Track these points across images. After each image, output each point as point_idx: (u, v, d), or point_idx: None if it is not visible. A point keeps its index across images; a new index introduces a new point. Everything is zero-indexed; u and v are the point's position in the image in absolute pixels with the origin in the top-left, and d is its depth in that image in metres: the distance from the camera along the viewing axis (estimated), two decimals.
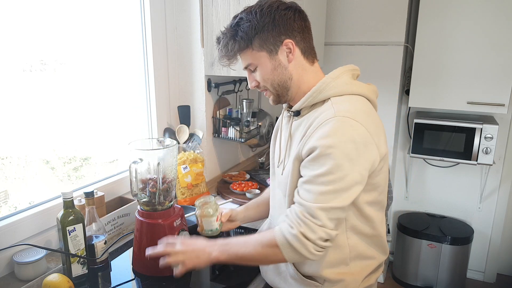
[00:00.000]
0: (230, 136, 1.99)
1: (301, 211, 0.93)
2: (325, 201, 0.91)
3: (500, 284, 2.75)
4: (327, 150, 0.90)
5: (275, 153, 1.18)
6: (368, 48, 2.51)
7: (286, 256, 0.95)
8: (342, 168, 0.90)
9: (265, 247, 0.97)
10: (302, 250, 0.92)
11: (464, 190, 2.71)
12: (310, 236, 0.91)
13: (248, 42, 0.99)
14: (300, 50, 1.02)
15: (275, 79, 1.02)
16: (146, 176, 1.19)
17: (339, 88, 1.00)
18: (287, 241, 0.93)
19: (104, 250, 1.24)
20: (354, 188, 0.93)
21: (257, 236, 1.01)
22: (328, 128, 0.92)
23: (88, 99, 1.64)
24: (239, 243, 1.01)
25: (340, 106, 0.96)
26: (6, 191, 1.39)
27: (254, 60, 1.02)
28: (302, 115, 1.04)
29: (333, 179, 0.91)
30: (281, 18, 0.98)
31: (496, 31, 2.17)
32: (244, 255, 1.00)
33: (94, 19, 1.59)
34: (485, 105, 2.27)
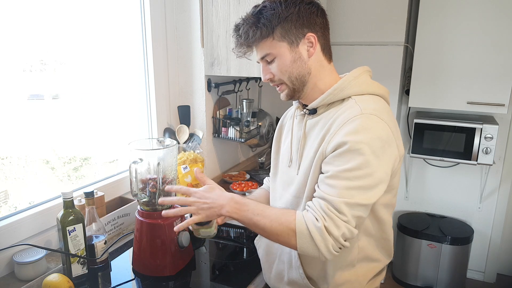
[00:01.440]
0: (230, 136, 1.99)
1: (326, 204, 0.89)
2: (351, 196, 0.88)
3: (500, 284, 2.75)
4: (356, 145, 0.89)
5: (282, 153, 1.16)
6: (368, 48, 2.51)
7: (298, 245, 0.91)
8: (370, 164, 0.89)
9: (282, 226, 0.92)
10: (321, 246, 0.88)
11: (464, 190, 2.71)
12: (334, 231, 0.88)
13: (270, 30, 0.96)
14: (321, 46, 1.01)
15: (294, 72, 1.00)
16: (146, 176, 1.19)
17: (361, 87, 1.00)
18: (308, 232, 0.89)
19: (104, 250, 1.24)
20: (380, 186, 0.91)
21: (277, 211, 0.97)
22: (356, 124, 0.90)
23: (88, 99, 1.64)
24: (256, 209, 0.97)
25: (365, 104, 0.95)
26: (6, 191, 1.39)
27: (273, 50, 0.98)
28: (319, 114, 1.02)
29: (360, 175, 0.89)
30: (306, 11, 0.97)
31: (496, 31, 2.17)
32: (257, 223, 0.96)
33: (94, 19, 1.59)
34: (485, 105, 2.27)
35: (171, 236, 1.20)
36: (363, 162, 0.89)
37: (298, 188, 1.05)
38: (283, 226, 0.92)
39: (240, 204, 0.97)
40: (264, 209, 0.97)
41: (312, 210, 0.92)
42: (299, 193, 1.04)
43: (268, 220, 0.94)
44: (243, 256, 1.38)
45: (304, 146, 1.05)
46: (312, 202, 0.94)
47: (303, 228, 0.90)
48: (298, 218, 0.91)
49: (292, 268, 1.08)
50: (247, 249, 1.42)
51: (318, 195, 0.92)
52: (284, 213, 0.95)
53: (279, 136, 1.20)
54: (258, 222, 0.95)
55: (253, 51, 1.02)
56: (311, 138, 1.02)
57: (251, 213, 0.96)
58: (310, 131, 1.03)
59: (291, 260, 1.08)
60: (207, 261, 1.34)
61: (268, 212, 0.96)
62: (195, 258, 1.32)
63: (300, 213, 0.93)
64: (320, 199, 0.91)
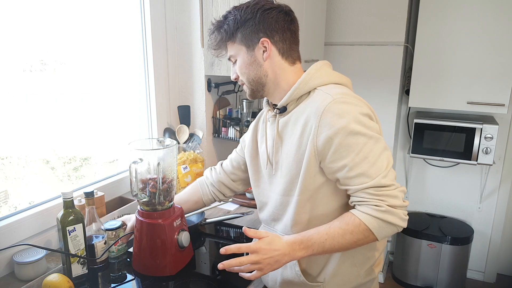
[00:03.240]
0: (230, 136, 1.99)
1: (372, 190, 0.93)
2: (379, 168, 0.93)
3: (500, 284, 2.75)
4: (347, 130, 0.92)
5: (260, 158, 1.17)
6: (368, 48, 2.51)
7: (379, 236, 0.94)
8: (368, 135, 0.93)
9: (354, 233, 0.94)
10: (397, 221, 0.92)
11: (464, 190, 2.71)
12: (396, 202, 0.92)
13: (231, 35, 1.04)
14: (278, 50, 1.04)
15: (251, 74, 1.05)
16: (146, 176, 1.19)
17: (324, 78, 1.03)
18: (381, 221, 0.92)
19: (104, 250, 1.24)
20: (386, 145, 0.97)
21: (338, 225, 0.96)
22: (335, 110, 0.94)
23: (88, 99, 1.64)
24: (322, 237, 0.95)
25: (333, 90, 0.99)
26: (6, 191, 1.39)
27: (234, 53, 1.06)
28: (289, 111, 1.05)
29: (370, 147, 0.93)
30: (263, 16, 1.01)
31: (496, 31, 2.17)
32: (331, 248, 0.96)
33: (94, 19, 1.59)
34: (485, 105, 2.27)
35: (171, 236, 1.20)
36: (364, 138, 0.93)
37: (284, 188, 1.07)
38: (355, 233, 0.94)
39: (304, 243, 0.96)
40: (327, 231, 0.96)
41: (365, 202, 0.94)
42: (287, 191, 1.06)
43: (339, 238, 0.94)
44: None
45: (281, 145, 1.07)
46: (357, 197, 0.95)
47: (374, 222, 0.92)
48: (362, 217, 0.93)
49: (286, 268, 1.09)
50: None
51: (357, 189, 0.94)
52: (346, 222, 0.95)
53: (255, 140, 1.21)
54: (331, 246, 0.95)
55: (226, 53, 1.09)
56: (287, 135, 1.05)
57: (319, 244, 0.95)
58: (284, 130, 1.06)
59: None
60: (207, 261, 1.34)
61: (332, 231, 0.95)
62: (195, 258, 1.32)
63: (358, 212, 0.95)
64: (362, 191, 0.94)
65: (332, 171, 0.97)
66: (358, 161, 0.93)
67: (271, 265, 0.94)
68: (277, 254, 0.94)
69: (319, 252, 0.96)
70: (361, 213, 0.94)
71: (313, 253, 0.96)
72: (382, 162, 0.94)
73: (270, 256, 0.93)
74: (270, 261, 0.94)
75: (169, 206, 1.23)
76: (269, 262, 0.94)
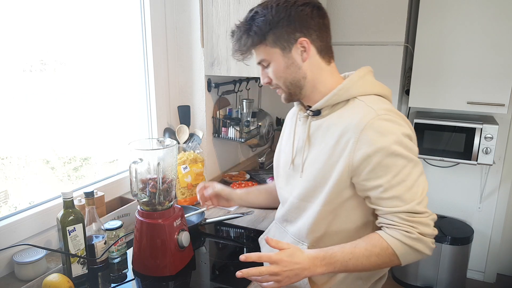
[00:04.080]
0: (230, 136, 1.99)
1: (405, 215, 0.90)
2: (415, 194, 0.90)
3: (500, 284, 2.75)
4: (389, 150, 0.89)
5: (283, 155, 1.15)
6: (368, 48, 2.51)
7: (403, 262, 0.93)
8: (409, 158, 0.91)
9: (380, 256, 0.92)
10: (425, 249, 0.91)
11: (464, 190, 2.71)
12: (427, 231, 0.91)
13: (262, 37, 0.95)
14: (316, 49, 0.98)
15: (288, 78, 0.99)
16: (146, 176, 1.19)
17: (367, 87, 0.99)
18: (408, 247, 0.90)
19: (104, 250, 1.24)
20: (422, 171, 0.94)
21: (363, 245, 0.93)
22: (377, 129, 0.90)
23: (88, 99, 1.64)
24: (346, 256, 0.92)
25: (377, 105, 0.94)
26: (6, 191, 1.39)
27: (267, 56, 0.98)
28: (323, 115, 1.00)
29: (408, 171, 0.91)
30: (297, 14, 0.94)
31: (496, 31, 2.17)
32: (354, 267, 0.93)
33: (94, 19, 1.59)
34: (485, 105, 2.27)
35: (171, 236, 1.20)
36: (404, 161, 0.90)
37: (303, 193, 1.03)
38: (380, 256, 0.92)
39: (326, 259, 0.92)
40: (352, 250, 0.93)
41: (395, 226, 0.92)
42: (307, 197, 1.02)
43: (363, 259, 0.92)
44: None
45: (309, 148, 1.03)
46: (387, 219, 0.93)
47: (401, 247, 0.91)
48: (390, 241, 0.91)
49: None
50: (247, 249, 1.42)
51: (389, 211, 0.92)
52: (373, 244, 0.92)
53: (280, 138, 1.21)
54: (354, 266, 0.93)
55: (252, 55, 1.02)
56: (317, 140, 1.01)
57: (342, 263, 0.92)
58: (315, 133, 1.02)
59: None
60: (207, 261, 1.34)
61: (357, 251, 0.92)
62: (195, 258, 1.32)
63: (386, 236, 0.92)
64: (394, 214, 0.91)
65: (365, 188, 0.94)
66: (394, 183, 0.90)
67: (290, 278, 0.91)
68: (297, 268, 0.90)
69: (340, 270, 0.94)
70: (389, 236, 0.92)
71: (334, 271, 0.93)
72: (418, 188, 0.91)
73: (290, 268, 0.90)
74: (290, 274, 0.90)
75: (169, 206, 1.23)
76: (288, 275, 0.91)
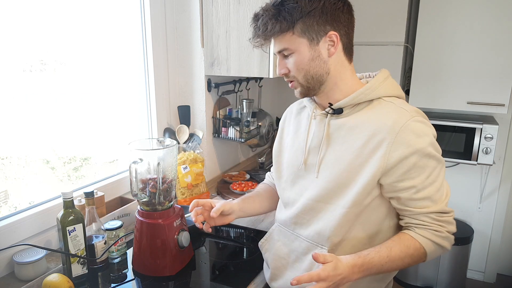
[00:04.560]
0: (230, 136, 1.99)
1: (435, 215, 0.95)
2: (442, 195, 0.97)
3: (500, 284, 2.75)
4: (424, 151, 0.91)
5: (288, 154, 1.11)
6: (368, 48, 2.51)
7: (429, 259, 0.97)
8: (439, 159, 0.95)
9: (413, 257, 0.94)
10: (449, 246, 0.97)
11: (464, 190, 2.71)
12: (452, 229, 0.97)
13: (291, 24, 0.91)
14: (343, 45, 0.97)
15: (311, 71, 0.95)
16: (146, 176, 1.19)
17: (389, 89, 0.99)
18: (437, 246, 0.95)
19: (104, 250, 1.24)
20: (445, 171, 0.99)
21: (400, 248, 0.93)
22: (414, 130, 0.91)
23: (88, 99, 1.64)
24: (382, 260, 0.92)
25: (407, 106, 0.96)
26: (6, 191, 1.39)
27: (291, 46, 0.93)
28: (344, 115, 0.98)
29: (437, 173, 0.95)
30: (331, 6, 0.91)
31: (496, 31, 2.17)
32: (388, 270, 0.94)
33: (94, 19, 1.59)
34: (485, 105, 2.27)
35: (171, 236, 1.20)
36: (435, 162, 0.94)
37: (321, 194, 1.00)
38: (414, 257, 0.94)
39: (364, 265, 0.91)
40: (388, 254, 0.92)
41: (426, 226, 0.95)
42: (325, 198, 0.99)
43: (398, 262, 0.93)
44: (243, 256, 1.38)
45: (328, 148, 1.00)
46: (418, 220, 0.96)
47: (431, 246, 0.95)
48: (423, 241, 0.94)
49: None
50: (247, 249, 1.42)
51: (420, 212, 0.95)
52: (407, 246, 0.94)
53: (280, 137, 1.18)
54: (388, 269, 0.93)
55: (271, 43, 0.97)
56: (339, 140, 0.98)
57: (378, 267, 0.92)
58: (336, 132, 0.99)
59: (311, 269, 1.02)
60: (207, 261, 1.34)
61: (393, 255, 0.92)
62: (195, 258, 1.32)
63: (418, 236, 0.95)
64: (425, 214, 0.95)
65: (396, 189, 0.94)
66: (427, 184, 0.93)
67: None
68: (339, 279, 0.88)
69: (372, 274, 0.93)
70: (421, 237, 0.94)
71: (368, 275, 0.92)
72: (444, 188, 0.97)
73: (334, 281, 0.87)
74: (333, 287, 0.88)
75: (169, 206, 1.23)
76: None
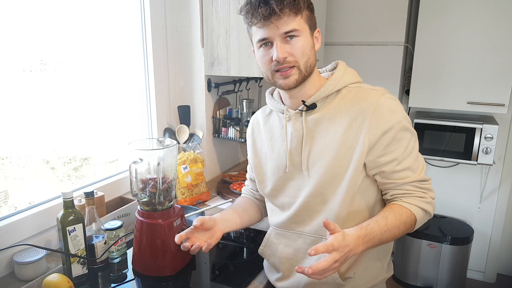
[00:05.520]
0: (230, 136, 1.99)
1: (416, 183, 0.99)
2: (420, 164, 1.01)
3: (500, 284, 2.75)
4: (399, 126, 0.96)
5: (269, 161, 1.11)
6: (368, 48, 2.51)
7: (417, 226, 1.01)
8: (413, 132, 1.01)
9: (406, 224, 0.97)
10: (432, 212, 1.02)
11: (464, 190, 2.71)
12: (433, 195, 1.02)
13: (303, 6, 0.95)
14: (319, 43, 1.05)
15: (310, 58, 0.98)
16: (146, 176, 1.19)
17: (354, 77, 1.05)
18: (424, 212, 0.99)
19: (104, 250, 1.24)
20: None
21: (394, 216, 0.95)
22: (388, 106, 0.97)
23: (88, 99, 1.64)
24: (381, 229, 0.93)
25: (376, 87, 1.02)
26: (6, 191, 1.39)
27: (300, 27, 0.94)
28: (319, 108, 1.01)
29: (413, 144, 1.01)
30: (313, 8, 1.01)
31: (496, 31, 2.17)
32: (387, 239, 0.95)
33: (94, 19, 1.59)
34: (485, 105, 2.27)
35: (171, 236, 1.20)
36: (410, 134, 0.99)
37: (316, 189, 1.01)
38: (407, 224, 0.97)
39: (367, 236, 0.91)
40: (385, 223, 0.94)
41: (411, 195, 1.00)
42: (320, 192, 1.01)
43: (395, 230, 0.95)
44: (243, 256, 1.38)
45: (312, 144, 1.02)
46: (402, 190, 1.00)
47: (420, 212, 0.99)
48: (413, 209, 0.98)
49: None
50: (247, 249, 1.42)
51: (403, 182, 0.99)
52: (400, 213, 0.97)
53: (254, 150, 1.17)
54: (387, 238, 0.95)
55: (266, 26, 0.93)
56: (321, 133, 1.01)
57: (379, 237, 0.93)
58: (316, 127, 1.01)
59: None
60: (207, 261, 1.34)
61: (390, 223, 0.95)
62: (195, 258, 1.32)
63: (407, 204, 0.98)
64: (408, 183, 0.99)
65: (379, 164, 0.98)
66: (405, 155, 0.98)
67: (343, 263, 0.87)
68: (348, 250, 0.86)
69: (374, 245, 0.93)
70: (409, 204, 0.98)
71: (370, 246, 0.92)
72: (420, 158, 1.02)
73: (344, 252, 0.85)
74: (343, 259, 0.86)
75: (169, 206, 1.23)
76: (343, 260, 0.86)
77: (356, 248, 0.88)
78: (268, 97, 1.14)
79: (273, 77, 0.99)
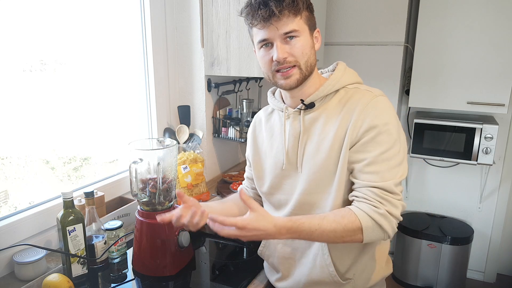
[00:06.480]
0: (230, 136, 1.99)
1: (379, 190, 0.93)
2: (394, 175, 0.94)
3: (500, 284, 2.75)
4: (384, 127, 0.94)
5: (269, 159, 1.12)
6: (368, 48, 2.51)
7: (366, 238, 0.93)
8: (398, 141, 0.96)
9: (346, 229, 0.91)
10: (388, 228, 0.93)
11: (464, 190, 2.71)
12: (395, 212, 0.93)
13: (302, 7, 0.96)
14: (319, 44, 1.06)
15: (310, 58, 1.00)
16: (146, 176, 1.19)
17: (353, 77, 1.05)
18: (374, 222, 0.92)
19: (104, 250, 1.24)
20: (406, 159, 0.99)
21: (333, 218, 0.93)
22: (379, 106, 0.96)
23: (88, 99, 1.64)
24: (312, 227, 0.92)
25: (372, 89, 1.01)
26: (6, 191, 1.39)
27: (299, 28, 0.96)
28: (317, 108, 1.03)
29: (394, 153, 0.95)
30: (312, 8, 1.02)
31: (496, 31, 2.17)
32: (319, 239, 0.94)
33: (94, 19, 1.59)
34: (485, 105, 2.27)
35: (171, 236, 1.20)
36: (393, 141, 0.95)
37: (308, 186, 1.03)
38: (347, 228, 0.92)
39: (292, 229, 0.91)
40: (319, 222, 0.92)
41: (366, 200, 0.94)
42: (314, 189, 1.02)
43: (329, 232, 0.92)
44: (243, 256, 1.38)
45: (308, 142, 1.04)
46: (360, 193, 0.95)
47: (368, 221, 0.92)
48: (360, 215, 0.92)
49: (316, 268, 1.06)
50: (247, 249, 1.42)
51: (365, 184, 0.94)
52: (342, 215, 0.93)
53: (254, 147, 1.18)
54: (318, 237, 0.93)
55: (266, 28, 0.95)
56: (316, 132, 1.02)
57: (307, 232, 0.92)
58: (312, 126, 1.03)
59: (315, 261, 1.06)
60: (207, 261, 1.34)
61: (324, 223, 0.92)
62: (195, 258, 1.32)
63: (356, 209, 0.93)
64: (370, 187, 0.94)
65: (352, 160, 0.97)
66: (379, 160, 0.94)
67: (251, 240, 0.91)
68: (261, 234, 0.89)
69: (302, 239, 0.95)
70: (358, 209, 0.93)
71: (297, 238, 0.94)
72: (399, 171, 0.95)
73: (253, 234, 0.89)
74: (251, 238, 0.90)
75: (169, 206, 1.23)
76: (250, 238, 0.90)
77: (276, 235, 0.91)
78: (270, 96, 1.16)
79: (274, 77, 1.01)
